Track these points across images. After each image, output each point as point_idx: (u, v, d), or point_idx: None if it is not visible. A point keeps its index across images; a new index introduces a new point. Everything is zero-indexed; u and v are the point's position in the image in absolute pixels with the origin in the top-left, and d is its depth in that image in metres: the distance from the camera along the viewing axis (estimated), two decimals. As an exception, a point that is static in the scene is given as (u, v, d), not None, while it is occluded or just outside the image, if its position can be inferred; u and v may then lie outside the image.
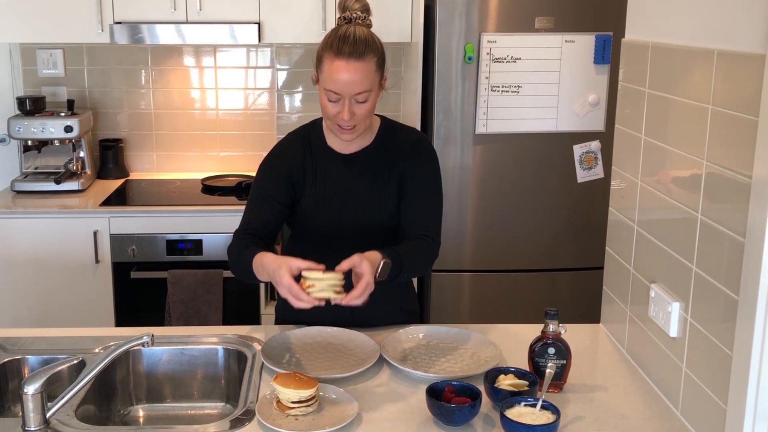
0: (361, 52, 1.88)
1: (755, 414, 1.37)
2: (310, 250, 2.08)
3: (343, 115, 1.91)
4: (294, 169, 2.06)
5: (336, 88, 1.89)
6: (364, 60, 1.88)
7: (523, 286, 3.36)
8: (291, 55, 3.82)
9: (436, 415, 1.63)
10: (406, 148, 2.08)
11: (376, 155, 2.08)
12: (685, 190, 1.62)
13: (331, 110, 1.93)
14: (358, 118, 1.93)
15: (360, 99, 1.91)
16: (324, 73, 1.91)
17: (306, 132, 2.12)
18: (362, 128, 1.99)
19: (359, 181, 2.06)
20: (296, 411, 1.63)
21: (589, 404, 1.72)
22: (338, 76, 1.88)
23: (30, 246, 3.28)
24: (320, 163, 2.07)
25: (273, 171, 2.07)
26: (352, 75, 1.87)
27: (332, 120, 1.95)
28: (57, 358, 1.89)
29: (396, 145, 2.09)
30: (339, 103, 1.91)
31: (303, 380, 1.66)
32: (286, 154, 2.09)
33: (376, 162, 2.07)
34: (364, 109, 1.93)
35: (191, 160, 3.93)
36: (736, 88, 1.44)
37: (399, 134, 2.12)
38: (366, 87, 1.90)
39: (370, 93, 1.92)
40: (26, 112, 3.55)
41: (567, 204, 3.30)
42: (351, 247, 2.05)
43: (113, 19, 3.36)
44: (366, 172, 2.07)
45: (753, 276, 1.35)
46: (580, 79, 3.18)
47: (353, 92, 1.89)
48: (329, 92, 1.91)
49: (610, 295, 2.07)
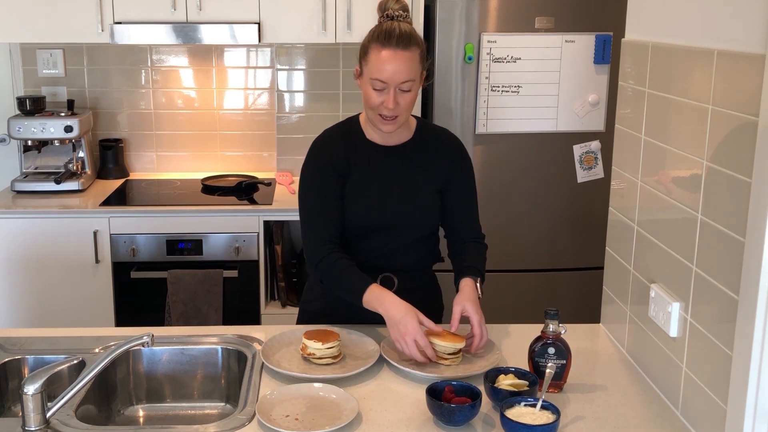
0: (407, 43, 1.95)
1: (755, 414, 1.37)
2: (347, 245, 2.09)
3: (388, 103, 1.95)
4: (339, 161, 2.07)
5: (383, 76, 1.94)
6: (410, 50, 1.95)
7: (523, 286, 3.36)
8: (291, 55, 3.82)
9: (436, 415, 1.63)
10: (449, 149, 2.14)
11: (416, 150, 2.12)
12: (685, 190, 1.62)
13: (376, 99, 1.97)
14: (401, 108, 1.98)
15: (404, 88, 1.96)
16: (370, 63, 1.96)
17: (344, 128, 2.15)
18: (403, 120, 2.03)
19: (402, 172, 2.09)
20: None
21: (589, 404, 1.72)
22: (385, 65, 1.94)
23: (30, 246, 3.27)
24: (362, 155, 2.09)
25: (324, 166, 2.08)
26: (398, 63, 1.94)
27: (375, 110, 1.99)
28: (57, 358, 1.89)
29: (435, 143, 2.14)
30: (384, 92, 1.96)
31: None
32: (328, 149, 2.10)
33: (418, 156, 2.11)
34: (408, 99, 1.98)
35: (191, 160, 3.93)
36: (736, 88, 1.44)
37: (436, 133, 2.18)
38: (411, 76, 1.96)
39: (414, 83, 1.97)
40: (26, 112, 3.55)
41: (567, 204, 3.30)
42: (390, 241, 2.07)
43: (113, 19, 3.36)
44: (409, 164, 2.10)
45: (753, 276, 1.35)
46: (580, 79, 3.18)
47: (399, 81, 1.94)
48: (375, 81, 1.95)
49: (610, 295, 2.07)
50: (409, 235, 2.10)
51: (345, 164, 2.07)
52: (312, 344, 1.86)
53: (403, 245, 2.10)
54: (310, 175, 2.09)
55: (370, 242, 2.09)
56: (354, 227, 2.08)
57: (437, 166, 2.11)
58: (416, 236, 2.12)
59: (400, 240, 2.09)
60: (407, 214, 2.09)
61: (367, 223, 2.08)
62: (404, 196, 2.09)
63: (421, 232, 2.13)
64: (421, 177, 2.11)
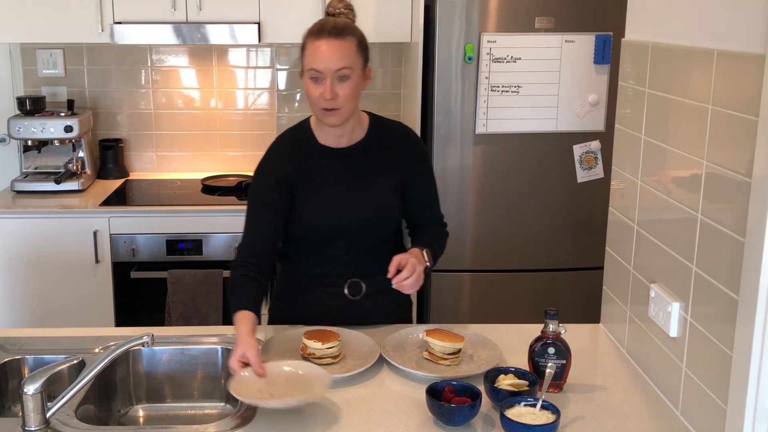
0: (339, 32, 1.94)
1: (755, 414, 1.37)
2: (312, 253, 2.09)
3: (325, 93, 1.93)
4: (289, 173, 2.06)
5: (317, 65, 1.93)
6: (344, 38, 1.94)
7: (523, 286, 3.35)
8: (291, 55, 3.82)
9: (436, 415, 1.63)
10: (405, 142, 2.13)
11: (372, 149, 2.09)
12: (685, 190, 1.62)
13: (315, 92, 1.95)
14: (341, 99, 1.95)
15: (341, 75, 1.93)
16: (306, 57, 1.96)
17: (295, 133, 2.13)
18: (346, 112, 1.99)
19: (359, 175, 2.08)
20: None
21: (589, 404, 1.72)
22: (319, 54, 1.93)
23: (30, 246, 3.27)
24: (314, 161, 2.07)
25: (268, 178, 2.07)
26: (332, 51, 1.93)
27: (316, 103, 1.97)
28: (57, 358, 1.89)
29: (389, 138, 2.12)
30: (321, 82, 1.94)
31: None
32: (278, 159, 2.09)
33: (372, 155, 2.09)
34: (347, 88, 1.95)
35: (191, 160, 3.93)
36: (736, 88, 1.44)
37: (389, 128, 2.16)
38: (346, 63, 1.93)
39: (351, 71, 1.95)
40: (26, 112, 3.55)
41: (567, 204, 3.30)
42: (354, 245, 2.07)
43: (113, 19, 3.36)
44: (362, 166, 2.08)
45: (753, 276, 1.34)
46: (580, 79, 3.18)
47: (334, 68, 1.92)
48: (311, 71, 1.94)
49: (610, 295, 2.07)
50: (372, 238, 2.10)
51: (294, 176, 2.05)
52: (312, 344, 1.86)
53: (367, 249, 2.10)
54: (254, 185, 2.10)
55: (334, 249, 2.08)
56: (315, 235, 2.08)
57: (396, 161, 2.11)
58: (379, 237, 2.11)
59: (364, 244, 2.09)
60: (368, 218, 2.08)
61: (328, 229, 2.07)
62: (363, 200, 2.07)
63: (383, 233, 2.12)
64: (379, 177, 2.09)
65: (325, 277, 2.11)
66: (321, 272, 2.11)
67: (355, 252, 2.09)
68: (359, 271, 2.10)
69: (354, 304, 2.10)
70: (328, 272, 2.09)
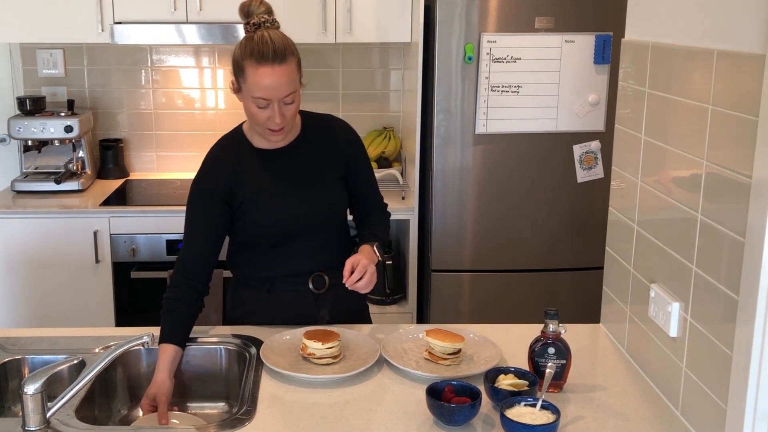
0: (282, 56, 1.91)
1: (755, 414, 1.37)
2: (259, 257, 2.11)
3: (274, 119, 1.94)
4: (226, 186, 2.04)
5: (265, 94, 1.91)
6: (287, 63, 1.92)
7: (523, 286, 3.36)
8: (291, 55, 3.81)
9: (436, 415, 1.63)
10: (341, 134, 2.16)
11: (307, 145, 2.11)
12: (685, 190, 1.62)
13: (261, 116, 1.95)
14: (288, 119, 1.97)
15: (288, 101, 1.95)
16: (249, 82, 1.93)
17: (228, 142, 2.12)
18: (290, 127, 2.03)
19: (301, 173, 2.09)
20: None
21: (589, 404, 1.72)
22: (265, 83, 1.90)
23: (30, 246, 3.28)
24: (254, 166, 2.07)
25: (203, 194, 2.06)
26: (278, 79, 1.91)
27: (263, 125, 1.97)
28: (57, 358, 1.89)
29: (324, 132, 2.14)
30: (268, 108, 1.94)
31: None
32: (214, 173, 2.07)
33: (313, 151, 2.11)
34: (293, 109, 1.98)
35: (191, 160, 3.92)
36: (736, 88, 1.44)
37: (322, 122, 2.18)
38: (292, 89, 1.94)
39: (295, 93, 1.96)
40: (26, 112, 3.55)
41: (567, 204, 3.30)
42: (310, 241, 2.09)
43: (113, 19, 3.36)
44: (304, 163, 2.09)
45: (753, 276, 1.35)
46: (580, 79, 3.18)
47: (281, 96, 1.92)
48: (258, 99, 1.93)
49: (610, 295, 2.07)
50: (326, 231, 2.12)
51: (234, 187, 2.04)
52: (312, 344, 1.87)
53: (324, 242, 2.12)
54: (191, 201, 2.08)
55: (291, 247, 2.09)
56: (270, 236, 2.08)
57: (336, 154, 2.13)
58: (332, 229, 2.14)
59: (320, 238, 2.11)
60: (317, 212, 2.09)
61: (281, 229, 2.07)
62: (311, 197, 2.09)
63: (335, 224, 2.15)
64: (324, 171, 2.11)
65: (290, 276, 2.11)
66: (284, 273, 2.11)
67: (313, 248, 2.11)
68: (322, 266, 2.12)
69: (320, 299, 2.12)
70: (292, 271, 2.10)
